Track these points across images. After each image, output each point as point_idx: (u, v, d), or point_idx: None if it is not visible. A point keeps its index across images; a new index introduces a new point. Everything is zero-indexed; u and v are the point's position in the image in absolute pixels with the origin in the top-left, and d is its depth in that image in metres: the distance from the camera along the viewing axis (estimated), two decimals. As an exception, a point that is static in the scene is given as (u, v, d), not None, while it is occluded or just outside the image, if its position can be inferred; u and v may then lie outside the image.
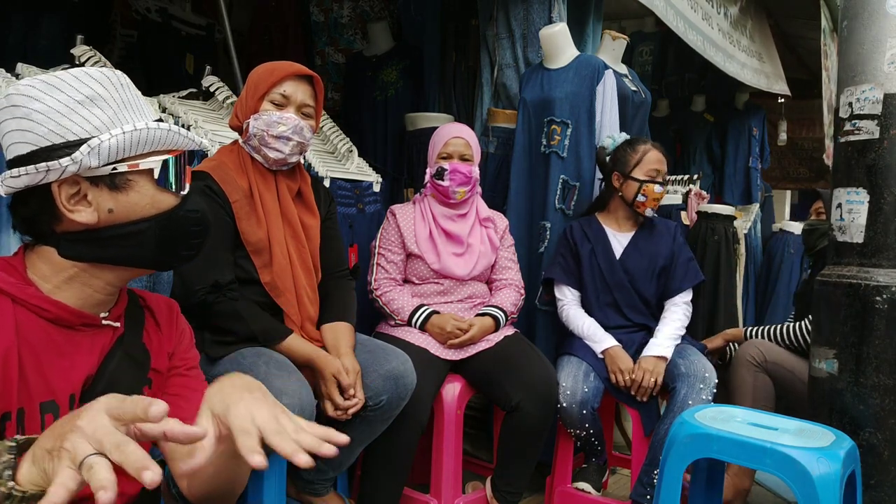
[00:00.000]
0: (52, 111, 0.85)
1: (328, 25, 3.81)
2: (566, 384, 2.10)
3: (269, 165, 1.70)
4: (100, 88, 0.88)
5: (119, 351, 0.97)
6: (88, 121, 0.87)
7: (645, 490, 2.05)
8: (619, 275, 2.30)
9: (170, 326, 1.07)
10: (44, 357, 0.88)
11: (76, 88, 0.87)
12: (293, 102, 1.67)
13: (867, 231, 1.78)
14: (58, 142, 0.85)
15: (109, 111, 0.89)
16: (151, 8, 3.50)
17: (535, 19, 2.69)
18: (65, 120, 0.86)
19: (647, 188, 2.25)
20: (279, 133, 1.64)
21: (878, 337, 1.72)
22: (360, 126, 3.40)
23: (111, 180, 0.89)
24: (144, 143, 0.90)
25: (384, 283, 2.17)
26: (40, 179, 0.84)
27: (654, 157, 2.27)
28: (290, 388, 1.47)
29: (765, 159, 5.19)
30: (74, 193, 0.88)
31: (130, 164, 0.90)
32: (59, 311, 0.89)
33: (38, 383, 0.86)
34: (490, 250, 2.25)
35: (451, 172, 2.16)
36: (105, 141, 0.86)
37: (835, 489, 1.40)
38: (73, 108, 0.86)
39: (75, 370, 0.91)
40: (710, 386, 2.06)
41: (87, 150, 0.85)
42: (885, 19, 1.77)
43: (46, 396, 0.87)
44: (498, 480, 2.07)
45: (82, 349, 0.92)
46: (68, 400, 0.90)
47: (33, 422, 0.86)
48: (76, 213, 0.88)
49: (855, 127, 1.81)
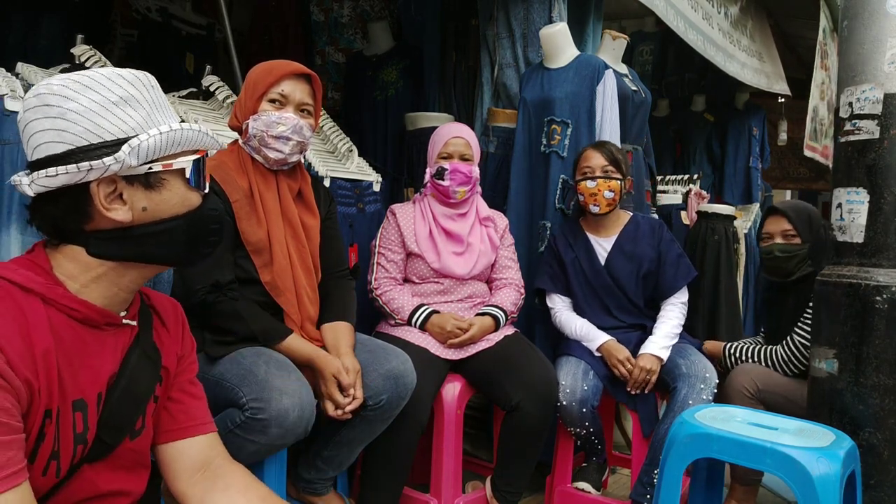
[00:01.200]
0: (89, 111, 0.87)
1: (328, 25, 3.82)
2: (565, 382, 2.10)
3: (269, 165, 1.70)
4: (133, 90, 0.91)
5: (137, 349, 1.00)
6: (124, 121, 0.89)
7: (645, 490, 2.05)
8: (604, 279, 2.30)
9: (176, 328, 1.10)
10: (75, 357, 0.90)
11: (110, 89, 0.89)
12: (292, 102, 1.67)
13: (867, 231, 1.78)
14: (95, 141, 0.87)
15: (143, 112, 0.91)
16: (151, 7, 3.50)
17: (535, 19, 2.69)
18: (101, 120, 0.87)
19: (581, 186, 2.28)
20: (279, 133, 1.64)
21: (878, 337, 1.72)
22: (360, 126, 3.40)
23: (146, 179, 0.91)
24: (177, 144, 0.93)
25: (384, 282, 2.17)
26: (80, 178, 0.86)
27: (587, 155, 2.30)
28: (289, 388, 1.47)
29: (765, 159, 5.19)
30: (111, 192, 0.89)
31: (164, 163, 0.92)
32: (88, 311, 0.91)
33: (70, 382, 0.89)
34: (490, 249, 2.25)
35: (451, 172, 2.16)
36: (144, 141, 0.88)
37: (835, 489, 1.40)
38: (109, 108, 0.88)
39: (102, 369, 0.94)
40: (710, 386, 2.06)
41: (128, 149, 0.87)
42: (885, 19, 1.77)
43: (77, 395, 0.90)
44: (498, 480, 2.07)
45: (107, 348, 0.95)
46: (96, 398, 0.93)
47: (66, 419, 0.88)
48: (112, 211, 0.89)
49: (855, 127, 1.81)
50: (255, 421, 1.43)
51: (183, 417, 1.08)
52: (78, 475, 0.93)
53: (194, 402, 1.11)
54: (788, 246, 2.23)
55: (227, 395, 1.49)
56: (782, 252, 2.23)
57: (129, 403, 0.97)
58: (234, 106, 1.73)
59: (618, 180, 2.26)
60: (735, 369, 2.18)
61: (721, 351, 2.35)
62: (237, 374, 1.49)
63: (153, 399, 1.02)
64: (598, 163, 2.26)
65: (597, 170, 2.26)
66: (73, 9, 3.02)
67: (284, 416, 1.43)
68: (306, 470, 1.77)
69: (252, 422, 1.43)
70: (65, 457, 0.89)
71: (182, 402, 1.09)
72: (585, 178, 2.27)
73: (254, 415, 1.43)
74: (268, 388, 1.45)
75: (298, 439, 1.50)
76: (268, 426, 1.42)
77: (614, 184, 2.26)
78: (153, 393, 1.02)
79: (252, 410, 1.43)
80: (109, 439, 0.95)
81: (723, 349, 2.34)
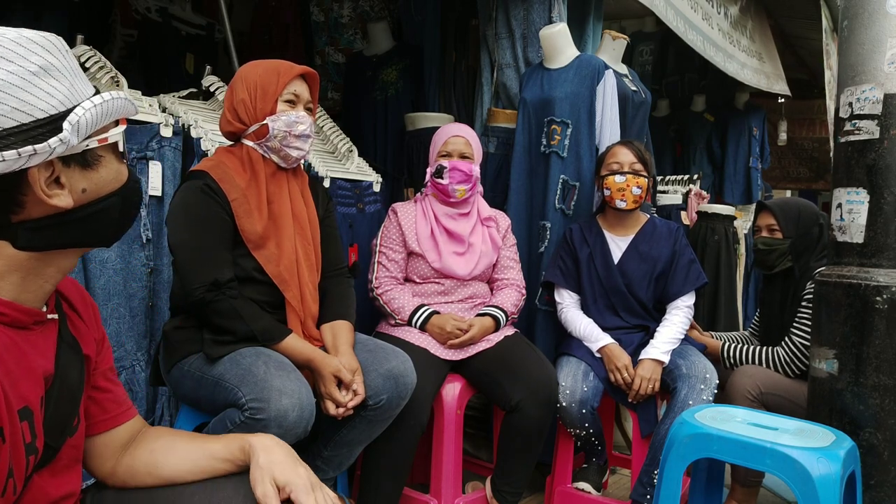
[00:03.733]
0: (9, 85, 0.75)
1: (328, 25, 3.82)
2: (566, 383, 2.10)
3: (287, 164, 1.73)
4: (49, 57, 0.80)
5: (63, 343, 0.93)
6: (52, 95, 0.79)
7: (645, 490, 2.05)
8: (616, 279, 2.30)
9: (87, 311, 1.03)
10: (12, 364, 0.81)
11: (24, 57, 0.77)
12: (301, 101, 1.72)
13: (867, 231, 1.78)
14: (26, 121, 0.76)
15: (66, 82, 0.81)
16: (151, 7, 3.49)
17: (535, 19, 2.69)
18: (26, 95, 0.76)
19: (608, 181, 2.29)
20: (300, 132, 1.69)
21: (878, 337, 1.72)
22: (360, 126, 3.40)
23: (83, 158, 0.83)
24: (109, 115, 0.84)
25: (385, 281, 2.17)
26: (20, 165, 0.75)
27: (615, 151, 2.31)
28: (289, 388, 1.47)
29: (765, 159, 5.19)
30: (49, 177, 0.80)
31: (99, 138, 0.84)
32: (15, 312, 0.83)
33: (13, 392, 0.80)
34: (491, 250, 2.25)
35: (450, 170, 2.17)
36: (81, 116, 0.79)
37: (835, 489, 1.40)
38: (30, 80, 0.77)
39: (38, 371, 0.86)
40: (710, 386, 2.06)
41: (69, 126, 0.78)
42: (885, 19, 1.77)
43: (21, 403, 0.82)
44: (498, 480, 2.07)
45: (38, 348, 0.87)
46: (39, 402, 0.86)
47: (15, 433, 0.81)
48: (54, 197, 0.80)
49: (855, 127, 1.81)
50: (254, 421, 1.43)
51: (113, 406, 1.04)
52: (29, 488, 0.86)
53: (117, 388, 1.07)
54: (770, 240, 2.34)
55: (226, 395, 1.49)
56: (764, 245, 2.35)
57: (66, 401, 0.91)
58: (232, 108, 1.70)
59: (645, 178, 2.28)
60: (737, 371, 2.18)
61: (718, 349, 2.35)
62: (236, 375, 1.49)
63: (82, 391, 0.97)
64: (627, 159, 2.27)
65: (625, 165, 2.27)
66: (73, 9, 3.02)
67: (284, 415, 1.43)
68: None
69: (252, 422, 1.43)
70: (18, 472, 0.82)
71: (109, 391, 1.05)
72: (614, 172, 2.28)
73: (253, 415, 1.43)
74: (267, 388, 1.45)
75: (298, 439, 1.50)
76: (267, 426, 1.42)
77: (642, 181, 2.27)
78: (82, 385, 0.96)
79: (252, 410, 1.43)
80: (54, 442, 0.89)
81: (721, 350, 2.34)
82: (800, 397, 2.02)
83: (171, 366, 1.62)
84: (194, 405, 1.65)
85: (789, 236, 2.30)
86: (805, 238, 2.28)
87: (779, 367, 2.16)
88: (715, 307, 3.54)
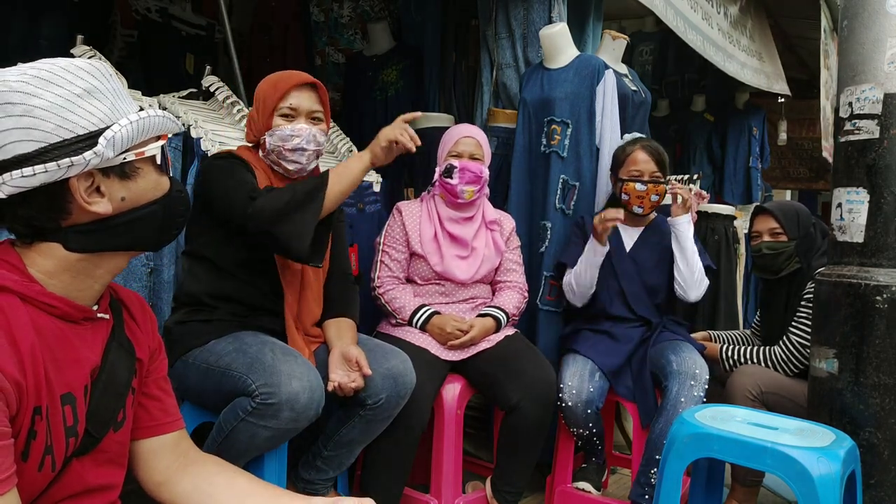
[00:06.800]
0: (55, 106, 0.86)
1: (328, 25, 3.81)
2: (571, 383, 2.10)
3: (289, 176, 1.76)
4: (94, 81, 0.90)
5: (114, 342, 1.02)
6: (92, 114, 0.89)
7: (643, 490, 2.05)
8: (627, 264, 2.33)
9: (146, 322, 1.12)
10: (59, 352, 0.91)
11: (73, 82, 0.88)
12: (302, 112, 1.72)
13: (867, 231, 1.78)
14: (68, 137, 0.86)
15: (108, 102, 0.91)
16: (152, 8, 3.49)
17: (535, 19, 2.69)
18: (69, 114, 0.87)
19: (628, 186, 2.31)
20: (294, 146, 1.70)
21: (878, 337, 1.72)
22: (361, 126, 3.40)
23: (121, 169, 0.93)
24: (146, 131, 0.94)
25: (387, 280, 2.17)
26: (60, 175, 0.85)
27: (636, 158, 2.31)
28: (298, 372, 1.49)
29: (765, 159, 5.19)
30: (89, 186, 0.90)
31: (137, 152, 0.93)
32: (65, 306, 0.92)
33: (56, 377, 0.90)
34: (494, 254, 2.25)
35: (460, 170, 2.16)
36: (118, 132, 0.88)
37: (835, 489, 1.40)
38: (75, 101, 0.87)
39: (85, 362, 0.96)
40: (701, 382, 2.06)
41: (104, 142, 0.87)
42: (885, 19, 1.77)
43: (65, 389, 0.92)
44: (498, 480, 2.07)
45: (87, 342, 0.97)
46: (83, 390, 0.95)
47: (56, 414, 0.90)
48: (94, 204, 0.90)
49: (855, 127, 1.81)
50: (266, 406, 1.44)
51: (160, 414, 1.12)
52: (67, 470, 0.95)
53: (169, 398, 1.15)
54: (775, 243, 2.30)
55: (234, 384, 1.50)
56: (770, 249, 2.31)
57: (111, 395, 0.99)
58: (247, 122, 1.78)
59: (664, 184, 2.32)
60: (737, 371, 2.18)
61: (716, 352, 2.34)
62: (244, 363, 1.51)
63: (131, 391, 1.05)
64: (648, 168, 2.30)
65: (646, 174, 2.30)
66: (73, 9, 3.02)
67: (295, 398, 1.45)
68: (306, 470, 1.77)
69: (263, 407, 1.44)
70: (58, 451, 0.91)
71: (159, 399, 1.12)
72: (635, 180, 2.30)
73: (265, 400, 1.44)
74: (276, 373, 1.46)
75: (310, 422, 1.51)
76: (279, 410, 1.44)
77: (661, 188, 2.31)
78: (131, 384, 1.04)
79: (263, 396, 1.44)
80: (96, 432, 0.97)
81: (719, 352, 2.33)
82: (800, 397, 2.02)
83: (175, 360, 1.63)
84: (199, 399, 1.66)
85: (794, 238, 2.28)
86: (807, 238, 2.28)
87: (777, 365, 2.17)
88: (715, 307, 3.54)
